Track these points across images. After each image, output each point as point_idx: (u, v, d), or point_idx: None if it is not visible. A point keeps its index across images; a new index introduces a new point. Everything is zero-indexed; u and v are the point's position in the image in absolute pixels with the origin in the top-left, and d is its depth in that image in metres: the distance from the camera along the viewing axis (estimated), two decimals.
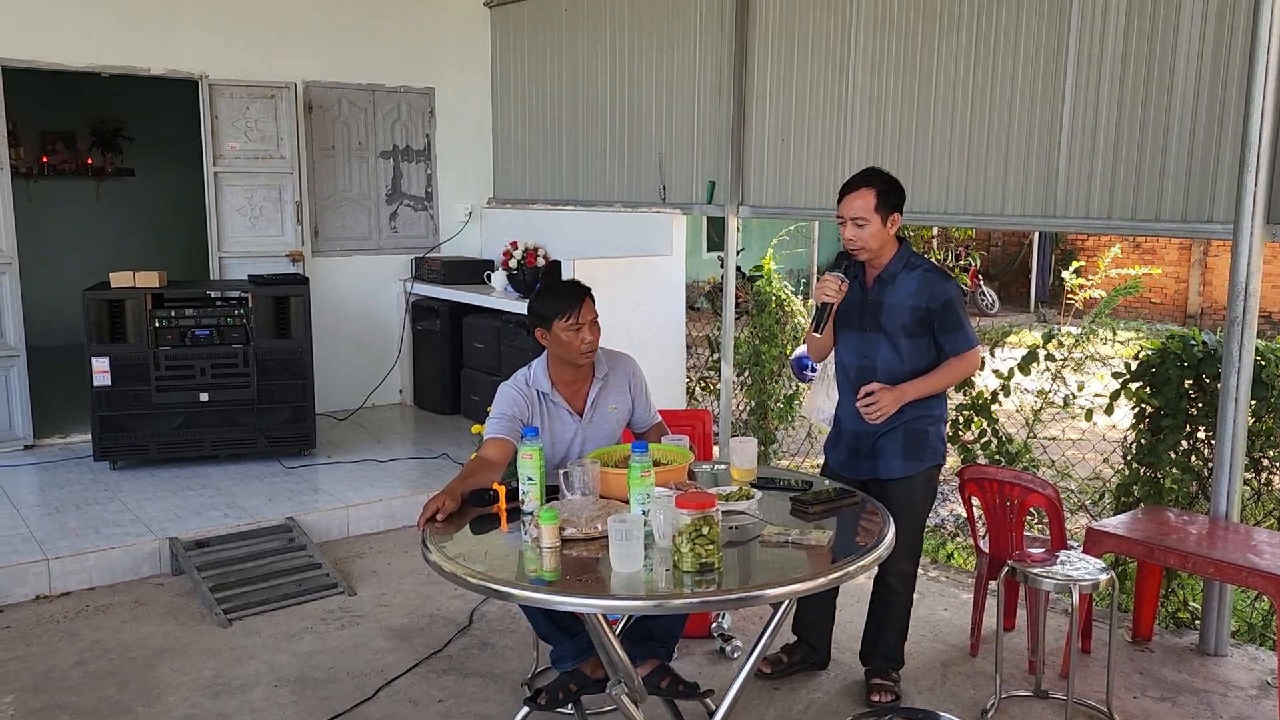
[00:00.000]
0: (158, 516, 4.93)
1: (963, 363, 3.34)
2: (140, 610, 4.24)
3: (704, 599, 2.49)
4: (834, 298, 3.27)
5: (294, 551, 4.72)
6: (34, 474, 5.66)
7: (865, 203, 3.25)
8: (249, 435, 5.80)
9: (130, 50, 6.21)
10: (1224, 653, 3.88)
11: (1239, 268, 3.70)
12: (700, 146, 6.01)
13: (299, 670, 3.72)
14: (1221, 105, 3.84)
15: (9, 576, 4.30)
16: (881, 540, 2.70)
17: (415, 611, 4.24)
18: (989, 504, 3.81)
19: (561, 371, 3.26)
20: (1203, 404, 4.22)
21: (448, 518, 2.84)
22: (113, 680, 3.64)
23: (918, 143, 4.88)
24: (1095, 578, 3.21)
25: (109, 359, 5.54)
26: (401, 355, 7.45)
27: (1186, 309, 14.72)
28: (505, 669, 3.73)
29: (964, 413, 5.04)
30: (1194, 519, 3.90)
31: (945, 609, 4.29)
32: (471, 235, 7.69)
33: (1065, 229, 4.62)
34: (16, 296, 5.99)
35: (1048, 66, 4.37)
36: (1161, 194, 4.04)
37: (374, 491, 5.38)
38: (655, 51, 6.25)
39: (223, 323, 5.75)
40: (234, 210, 6.66)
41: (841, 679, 3.65)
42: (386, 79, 7.20)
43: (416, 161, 7.43)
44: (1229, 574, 3.44)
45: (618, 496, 2.84)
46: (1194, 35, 3.90)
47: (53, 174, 9.63)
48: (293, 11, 6.75)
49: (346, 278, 7.18)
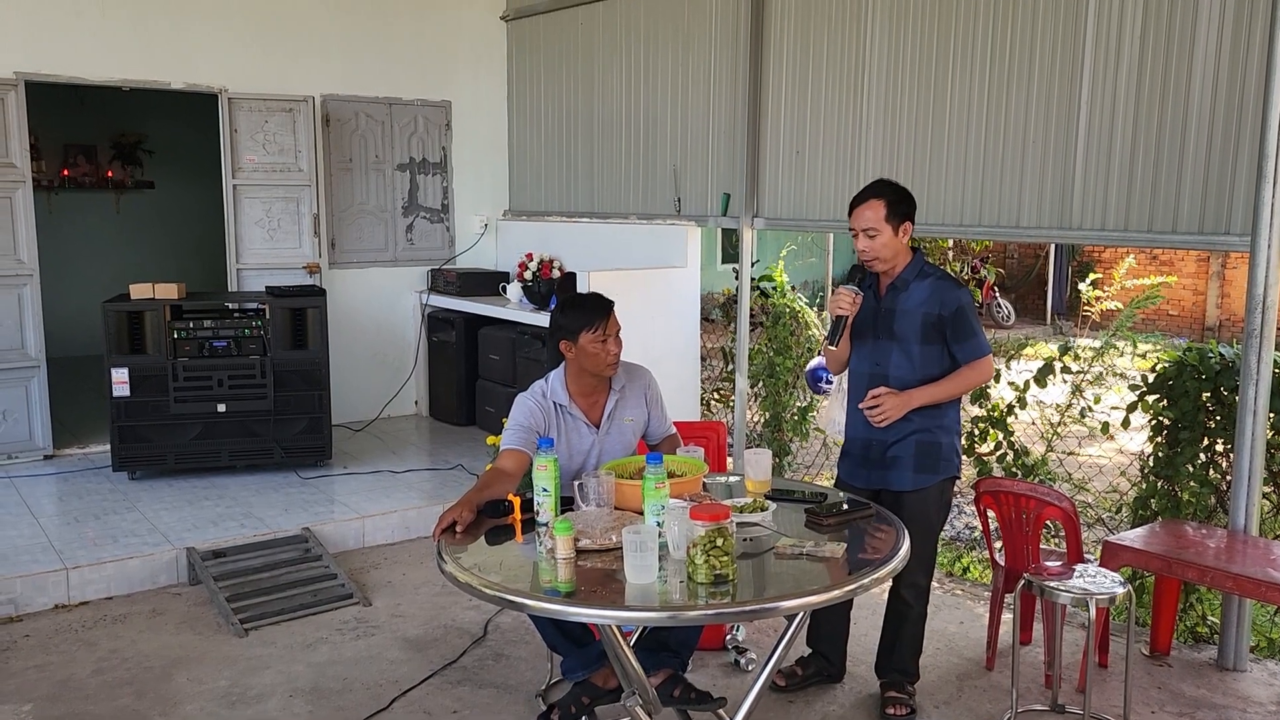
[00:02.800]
0: (175, 526, 4.96)
1: (974, 371, 3.34)
2: (157, 620, 4.26)
3: (718, 611, 2.49)
4: (848, 310, 3.29)
5: (310, 562, 4.74)
6: (53, 484, 5.70)
7: (875, 214, 3.28)
8: (265, 446, 5.84)
9: (151, 65, 6.29)
10: (1243, 668, 3.85)
11: (1257, 280, 3.68)
12: (715, 159, 6.02)
13: (314, 680, 3.73)
14: (1238, 116, 3.83)
15: (28, 586, 4.34)
16: (896, 553, 2.70)
17: (430, 622, 4.25)
18: (1005, 517, 3.80)
19: (581, 383, 3.28)
20: (1221, 416, 4.20)
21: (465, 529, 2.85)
22: (129, 689, 3.66)
23: (933, 154, 4.88)
24: (1112, 591, 3.19)
25: (128, 370, 5.58)
26: (417, 367, 7.48)
27: (1204, 321, 14.62)
28: (519, 680, 3.73)
29: (980, 425, 5.02)
30: (1212, 532, 3.87)
31: (961, 622, 4.27)
32: (487, 247, 7.73)
33: (1081, 241, 4.60)
34: (37, 308, 6.05)
35: (1063, 77, 4.36)
36: (1178, 205, 4.03)
37: (389, 502, 5.40)
38: (670, 64, 6.28)
39: (240, 334, 5.80)
40: (252, 222, 6.71)
41: (856, 692, 3.63)
42: (403, 92, 7.25)
43: (433, 174, 7.48)
44: (1248, 588, 3.41)
45: (632, 508, 2.85)
46: (1210, 46, 3.90)
47: (74, 186, 9.73)
48: (311, 26, 6.82)
49: (363, 289, 7.22)
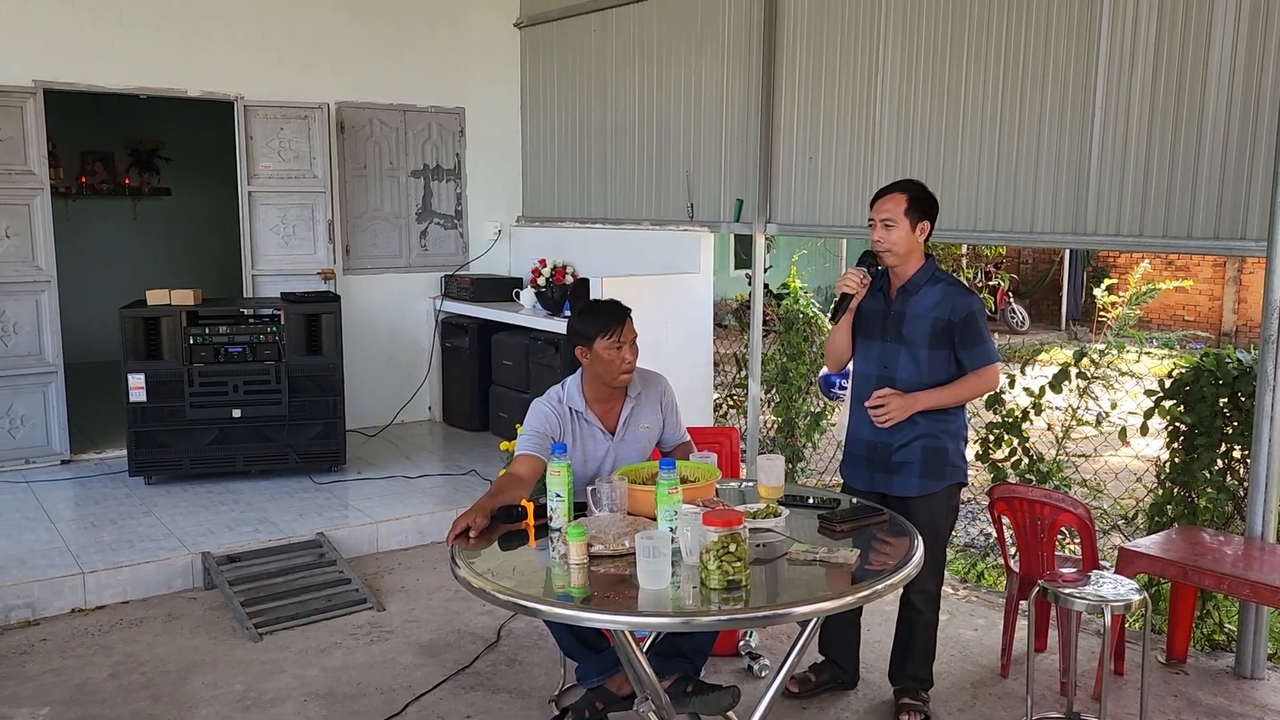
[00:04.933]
0: (190, 531, 4.98)
1: (980, 379, 3.33)
2: (173, 624, 4.28)
3: (731, 616, 2.49)
4: (855, 289, 3.30)
5: (324, 567, 4.76)
6: (70, 489, 5.74)
7: (896, 205, 3.30)
8: (280, 451, 5.86)
9: (168, 73, 6.34)
10: (1260, 675, 3.82)
11: (1274, 285, 3.66)
12: (728, 164, 6.03)
13: (329, 685, 3.74)
14: (1254, 120, 3.81)
15: (45, 590, 4.37)
16: (910, 559, 2.69)
17: (444, 627, 4.25)
18: (1019, 523, 3.78)
19: (597, 390, 3.28)
20: (1239, 422, 4.17)
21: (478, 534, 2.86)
22: (145, 693, 3.68)
23: (946, 160, 4.87)
24: (1128, 598, 3.18)
25: (144, 375, 5.62)
26: (431, 372, 7.50)
27: (1221, 326, 14.53)
28: (533, 685, 3.74)
29: (995, 431, 5.00)
30: (1229, 539, 3.85)
31: (975, 629, 4.25)
32: (500, 253, 7.75)
33: (1096, 246, 4.59)
34: (55, 314, 6.10)
35: (1077, 82, 4.35)
36: (1193, 211, 4.01)
37: (403, 508, 5.41)
38: (683, 70, 6.29)
39: (255, 340, 5.82)
40: (267, 229, 6.75)
41: (870, 699, 3.62)
42: (417, 99, 7.28)
43: (446, 180, 7.51)
44: (1265, 595, 3.39)
45: (645, 513, 2.85)
46: (1225, 49, 3.88)
47: (91, 193, 9.80)
48: (326, 33, 6.86)
49: (377, 295, 7.25)
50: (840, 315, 3.37)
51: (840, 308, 3.36)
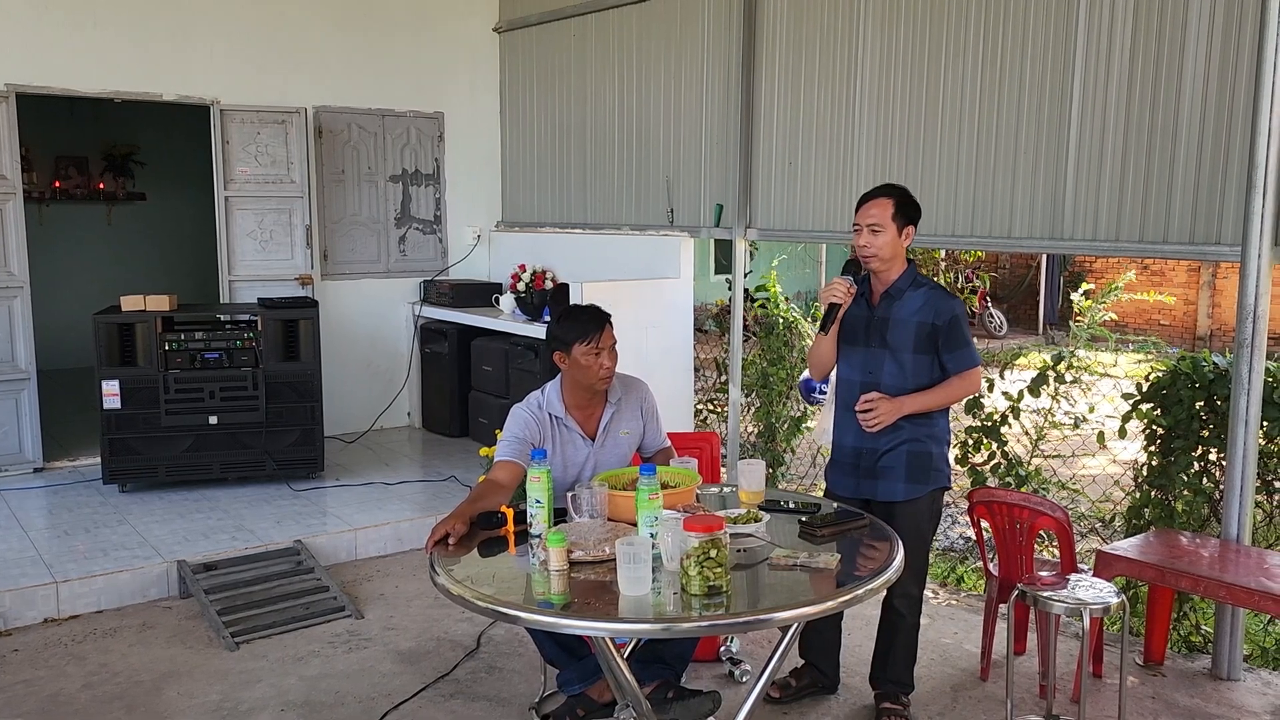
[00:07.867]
0: (166, 539, 4.93)
1: (964, 381, 3.35)
2: (148, 633, 4.23)
3: (712, 622, 2.48)
4: (841, 298, 3.30)
5: (302, 574, 4.72)
6: (43, 497, 5.67)
7: (883, 210, 3.30)
8: (257, 458, 5.81)
9: (143, 76, 6.28)
10: (1237, 677, 3.85)
11: (1247, 290, 3.70)
12: (708, 169, 6.04)
13: (306, 694, 3.71)
14: (1228, 127, 3.85)
15: (17, 599, 4.31)
16: (890, 564, 2.69)
17: (423, 635, 4.23)
18: (998, 527, 3.80)
19: (577, 396, 3.27)
20: (1215, 425, 4.20)
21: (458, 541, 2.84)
22: (120, 704, 3.63)
23: (925, 165, 4.89)
24: (1106, 601, 3.19)
25: (119, 382, 5.56)
26: (410, 378, 7.46)
27: (1195, 331, 14.68)
28: (513, 693, 3.71)
29: (973, 435, 5.03)
30: (1206, 542, 3.87)
31: (955, 633, 4.26)
32: (480, 258, 7.73)
33: (1072, 251, 4.63)
34: (28, 320, 6.03)
35: (1054, 89, 4.38)
36: (1169, 216, 4.05)
37: (382, 514, 5.38)
38: (663, 75, 6.29)
39: (232, 346, 5.78)
40: (244, 234, 6.70)
41: (851, 703, 3.62)
42: (396, 104, 7.25)
43: (425, 185, 7.48)
44: (1241, 597, 3.41)
45: (626, 519, 2.84)
46: (1200, 56, 3.92)
47: (65, 198, 9.71)
48: (303, 38, 6.82)
49: (356, 301, 7.21)
50: (829, 326, 3.36)
51: (829, 319, 3.35)
